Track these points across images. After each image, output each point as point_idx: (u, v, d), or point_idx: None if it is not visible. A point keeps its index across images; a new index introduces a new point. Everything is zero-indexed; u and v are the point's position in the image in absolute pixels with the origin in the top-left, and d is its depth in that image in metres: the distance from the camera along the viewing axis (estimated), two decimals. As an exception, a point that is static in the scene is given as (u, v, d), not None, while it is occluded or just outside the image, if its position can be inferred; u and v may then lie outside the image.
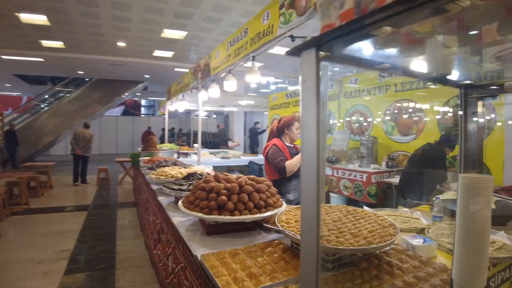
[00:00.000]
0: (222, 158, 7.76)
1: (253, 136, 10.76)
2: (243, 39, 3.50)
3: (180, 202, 2.03)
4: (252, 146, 10.75)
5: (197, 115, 19.01)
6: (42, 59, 10.98)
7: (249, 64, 3.55)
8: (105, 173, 9.03)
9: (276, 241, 1.66)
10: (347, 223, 1.64)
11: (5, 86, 17.96)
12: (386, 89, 6.02)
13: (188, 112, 19.18)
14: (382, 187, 5.42)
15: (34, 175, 7.23)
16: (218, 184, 1.94)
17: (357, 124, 6.60)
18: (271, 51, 7.70)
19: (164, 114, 22.26)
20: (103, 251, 4.18)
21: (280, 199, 2.09)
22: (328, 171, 5.97)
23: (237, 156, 8.02)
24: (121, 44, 9.46)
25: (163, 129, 17.71)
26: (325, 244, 1.37)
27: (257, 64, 3.51)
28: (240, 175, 2.13)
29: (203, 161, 7.25)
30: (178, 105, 7.28)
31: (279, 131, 3.24)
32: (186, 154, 7.67)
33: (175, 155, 6.93)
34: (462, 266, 0.91)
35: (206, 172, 2.92)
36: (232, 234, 1.88)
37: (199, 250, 1.61)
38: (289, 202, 3.07)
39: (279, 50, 9.41)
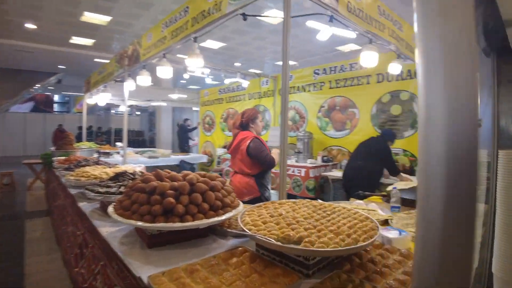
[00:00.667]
0: (150, 157, 7.13)
1: (183, 134, 10.14)
2: (182, 19, 3.10)
3: (110, 209, 1.60)
4: (182, 145, 10.10)
5: (118, 112, 17.74)
6: None
7: (179, 54, 3.18)
8: (10, 177, 7.68)
9: (239, 248, 1.35)
10: (320, 219, 1.44)
11: None
12: (320, 86, 6.11)
13: (107, 109, 17.68)
14: (319, 181, 5.45)
15: None
16: (163, 183, 1.56)
17: (292, 121, 6.59)
18: (202, 44, 7.31)
19: (80, 112, 20.26)
20: (6, 275, 3.36)
21: (237, 199, 1.79)
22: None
23: (166, 155, 7.45)
24: (30, 26, 8.13)
25: (80, 127, 16.01)
26: (308, 246, 1.13)
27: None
28: (188, 172, 1.78)
29: (128, 161, 6.57)
30: (99, 97, 6.47)
31: (243, 125, 3.14)
32: (108, 154, 6.86)
33: (95, 155, 6.12)
34: (506, 258, 0.73)
35: (140, 171, 2.47)
36: (180, 244, 1.52)
37: (143, 269, 1.22)
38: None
39: (212, 44, 9.08)
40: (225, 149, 7.59)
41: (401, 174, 4.16)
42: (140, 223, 1.38)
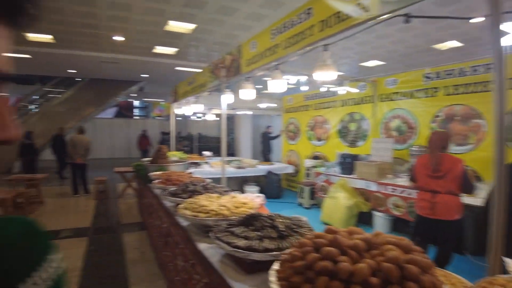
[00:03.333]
0: (237, 167, 6.85)
1: (265, 142, 9.82)
2: (303, 23, 2.62)
3: (272, 278, 1.18)
4: (265, 153, 9.79)
5: (199, 117, 18.12)
6: (29, 56, 9.84)
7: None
8: (104, 185, 8.01)
9: None
10: None
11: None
12: (434, 92, 5.22)
13: (186, 115, 18.20)
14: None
15: (21, 191, 6.18)
16: (361, 267, 1.06)
17: (397, 132, 5.76)
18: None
19: (160, 116, 21.20)
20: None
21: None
22: (373, 187, 5.14)
23: (253, 166, 7.12)
24: (118, 38, 8.45)
25: (163, 133, 16.69)
26: None
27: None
28: (363, 232, 1.27)
29: (214, 171, 6.38)
30: (189, 108, 6.37)
31: (445, 146, 3.30)
32: (196, 164, 6.76)
33: (189, 170, 5.99)
34: None
35: (268, 214, 2.01)
36: None
37: None
38: None
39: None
40: (315, 160, 7.07)
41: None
42: None
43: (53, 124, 13.03)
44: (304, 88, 5.09)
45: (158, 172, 4.43)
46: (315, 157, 7.35)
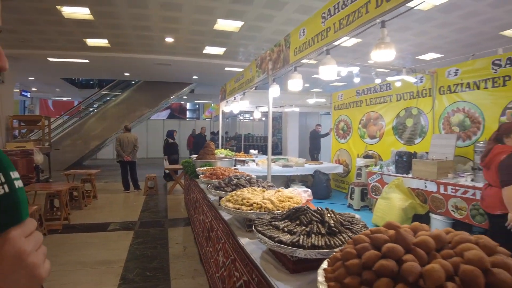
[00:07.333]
0: (284, 166, 6.65)
1: (313, 140, 9.52)
2: (357, 1, 2.37)
3: (320, 279, 0.99)
4: (312, 152, 9.48)
5: (249, 118, 18.37)
6: (87, 60, 10.50)
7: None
8: (153, 181, 8.27)
9: None
10: None
11: (56, 91, 18.10)
12: (504, 81, 4.62)
13: (234, 115, 18.44)
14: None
15: (76, 185, 6.53)
16: (433, 267, 0.87)
17: (459, 127, 5.18)
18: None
19: (209, 118, 21.74)
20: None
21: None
22: (432, 187, 4.66)
23: (300, 164, 6.87)
24: (169, 40, 8.67)
25: (212, 133, 17.09)
26: None
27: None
28: (436, 231, 1.04)
29: (260, 169, 6.24)
30: (235, 105, 6.31)
31: (497, 138, 3.03)
32: (243, 162, 6.68)
33: (235, 166, 5.94)
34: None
35: (317, 209, 1.78)
36: None
37: None
38: None
39: (345, 41, 8.18)
40: (367, 159, 6.66)
41: None
42: None
43: (109, 125, 13.79)
44: (357, 80, 4.73)
45: (204, 168, 4.40)
46: (368, 156, 6.91)
